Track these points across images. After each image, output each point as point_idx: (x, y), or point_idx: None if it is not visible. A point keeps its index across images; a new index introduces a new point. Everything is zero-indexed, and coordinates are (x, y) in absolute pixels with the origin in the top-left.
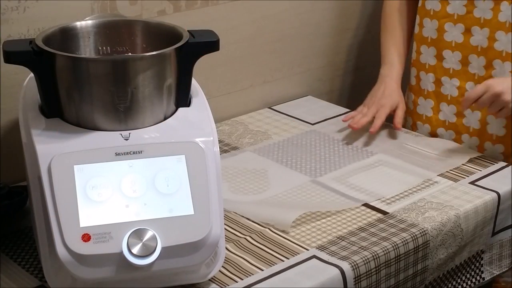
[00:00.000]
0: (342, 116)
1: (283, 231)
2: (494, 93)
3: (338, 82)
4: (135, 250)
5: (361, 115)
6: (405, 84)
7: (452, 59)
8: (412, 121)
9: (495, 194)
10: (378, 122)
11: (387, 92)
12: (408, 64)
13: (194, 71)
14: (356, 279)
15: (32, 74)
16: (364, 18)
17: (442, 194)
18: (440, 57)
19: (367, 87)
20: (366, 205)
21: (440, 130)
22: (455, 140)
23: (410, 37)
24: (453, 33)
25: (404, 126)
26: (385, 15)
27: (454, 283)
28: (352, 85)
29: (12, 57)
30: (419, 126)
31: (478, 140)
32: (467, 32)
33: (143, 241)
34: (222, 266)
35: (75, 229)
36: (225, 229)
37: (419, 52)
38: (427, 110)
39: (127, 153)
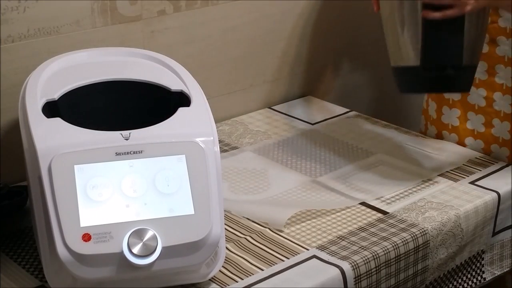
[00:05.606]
0: (343, 116)
1: (279, 230)
2: None
3: (338, 82)
4: (135, 250)
5: None
6: None
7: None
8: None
9: (495, 194)
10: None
11: None
12: None
13: (194, 71)
14: (356, 279)
15: (32, 74)
16: (365, 18)
17: (442, 194)
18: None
19: (367, 87)
20: (366, 205)
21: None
22: (484, 150)
23: None
24: None
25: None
26: None
27: (454, 283)
28: (352, 85)
29: None
30: (445, 135)
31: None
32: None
33: (144, 241)
34: (222, 266)
35: (75, 229)
36: (225, 229)
37: None
38: (453, 119)
39: (128, 153)
